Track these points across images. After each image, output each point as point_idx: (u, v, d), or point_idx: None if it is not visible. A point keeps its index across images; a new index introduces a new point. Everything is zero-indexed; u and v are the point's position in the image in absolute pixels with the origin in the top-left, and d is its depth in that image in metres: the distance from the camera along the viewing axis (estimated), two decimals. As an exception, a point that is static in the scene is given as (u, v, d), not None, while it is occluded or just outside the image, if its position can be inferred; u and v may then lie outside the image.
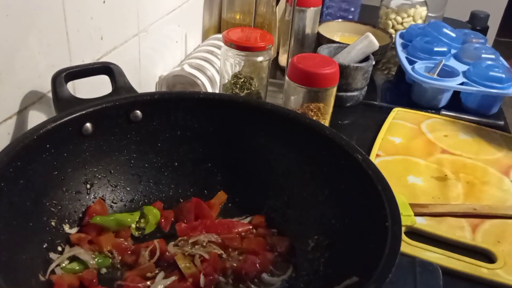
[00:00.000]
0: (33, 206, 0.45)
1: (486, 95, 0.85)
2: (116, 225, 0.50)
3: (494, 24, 2.17)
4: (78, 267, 0.46)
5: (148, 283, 0.45)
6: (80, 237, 0.48)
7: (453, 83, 0.85)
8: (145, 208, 0.53)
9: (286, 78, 0.70)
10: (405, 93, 0.93)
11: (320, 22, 1.06)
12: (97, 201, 0.52)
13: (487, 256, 0.57)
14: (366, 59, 0.87)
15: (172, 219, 0.53)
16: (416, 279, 0.50)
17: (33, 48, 0.50)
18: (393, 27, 1.18)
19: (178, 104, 0.55)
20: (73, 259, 0.46)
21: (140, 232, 0.52)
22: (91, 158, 0.51)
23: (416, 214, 0.60)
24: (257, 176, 0.56)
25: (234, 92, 0.71)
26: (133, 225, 0.51)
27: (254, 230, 0.53)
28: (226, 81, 0.73)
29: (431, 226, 0.60)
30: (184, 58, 0.87)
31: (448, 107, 0.89)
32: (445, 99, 0.88)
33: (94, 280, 0.45)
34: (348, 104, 0.87)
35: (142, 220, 0.52)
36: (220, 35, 0.86)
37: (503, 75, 0.84)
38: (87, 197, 0.51)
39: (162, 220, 0.53)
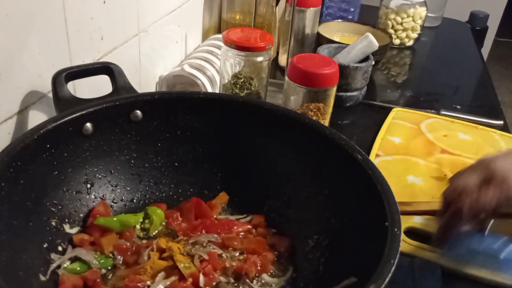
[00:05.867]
0: (34, 206, 0.45)
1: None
2: (120, 226, 0.50)
3: (493, 24, 2.17)
4: (79, 268, 0.46)
5: (148, 283, 0.45)
6: (82, 238, 0.48)
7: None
8: (149, 209, 0.53)
9: (286, 78, 0.70)
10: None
11: (320, 22, 1.06)
12: (101, 202, 0.52)
13: (486, 256, 0.57)
14: (365, 59, 0.87)
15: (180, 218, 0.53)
16: (415, 278, 0.50)
17: (33, 48, 0.50)
18: (392, 27, 1.18)
19: (178, 104, 0.55)
20: (74, 259, 0.47)
21: (144, 233, 0.52)
22: (91, 158, 0.51)
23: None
24: (257, 176, 0.56)
25: (234, 92, 0.71)
26: (138, 226, 0.51)
27: (254, 230, 0.53)
28: (226, 81, 0.73)
29: (431, 226, 0.60)
30: (184, 58, 0.87)
31: (447, 106, 0.89)
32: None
33: (98, 280, 0.45)
34: (348, 104, 0.87)
35: (146, 221, 0.52)
36: (220, 35, 0.86)
37: None
38: (88, 197, 0.51)
39: (171, 220, 0.53)
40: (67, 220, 0.49)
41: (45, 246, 0.45)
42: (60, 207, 0.48)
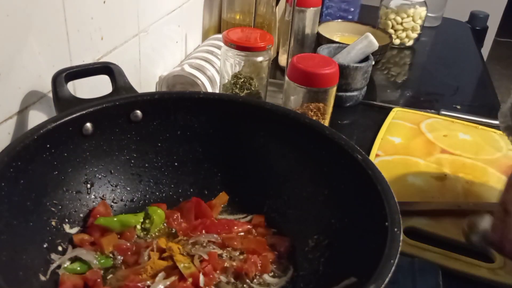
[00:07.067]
0: (34, 206, 0.45)
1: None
2: (120, 226, 0.50)
3: (493, 24, 2.18)
4: (79, 268, 0.46)
5: (148, 283, 0.45)
6: (83, 238, 0.48)
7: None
8: (149, 209, 0.53)
9: (286, 78, 0.70)
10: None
11: (320, 22, 1.06)
12: (101, 202, 0.52)
13: (486, 256, 0.57)
14: (365, 59, 0.87)
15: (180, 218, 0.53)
16: (415, 278, 0.50)
17: (33, 48, 0.50)
18: (392, 27, 1.18)
19: (178, 104, 0.55)
20: (74, 259, 0.47)
21: (145, 233, 0.52)
22: (91, 158, 0.51)
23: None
24: (257, 176, 0.56)
25: (234, 92, 0.71)
26: (138, 226, 0.51)
27: (254, 230, 0.53)
28: (226, 81, 0.73)
29: (430, 226, 0.60)
30: (184, 58, 0.87)
31: (447, 106, 0.89)
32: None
33: (99, 280, 0.45)
34: (348, 104, 0.87)
35: (147, 221, 0.52)
36: (220, 35, 0.86)
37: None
38: (88, 197, 0.51)
39: (171, 220, 0.53)
40: (67, 220, 0.49)
41: (45, 246, 0.45)
42: (60, 207, 0.48)
